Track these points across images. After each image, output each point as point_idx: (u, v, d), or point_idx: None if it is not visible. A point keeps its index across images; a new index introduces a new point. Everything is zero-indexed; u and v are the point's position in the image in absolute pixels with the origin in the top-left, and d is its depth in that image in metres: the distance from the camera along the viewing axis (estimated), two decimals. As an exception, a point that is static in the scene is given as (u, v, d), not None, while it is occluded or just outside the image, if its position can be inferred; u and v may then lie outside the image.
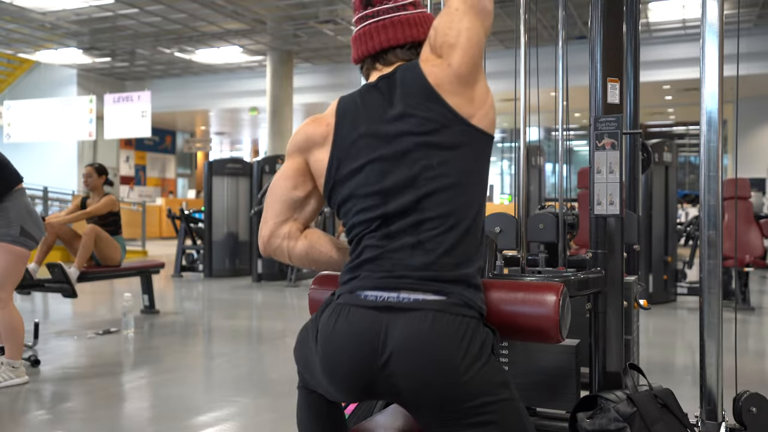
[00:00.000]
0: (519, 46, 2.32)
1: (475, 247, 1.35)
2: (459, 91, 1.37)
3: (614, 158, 1.83)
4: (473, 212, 1.36)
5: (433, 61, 1.41)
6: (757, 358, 4.34)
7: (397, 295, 1.28)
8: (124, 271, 5.77)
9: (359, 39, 1.53)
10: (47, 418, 3.11)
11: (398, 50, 1.50)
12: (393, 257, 1.32)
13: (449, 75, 1.37)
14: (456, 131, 1.36)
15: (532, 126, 6.11)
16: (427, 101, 1.38)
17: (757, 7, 10.19)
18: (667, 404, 1.70)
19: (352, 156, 1.41)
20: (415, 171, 1.35)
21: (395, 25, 1.50)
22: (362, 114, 1.44)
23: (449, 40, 1.40)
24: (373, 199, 1.37)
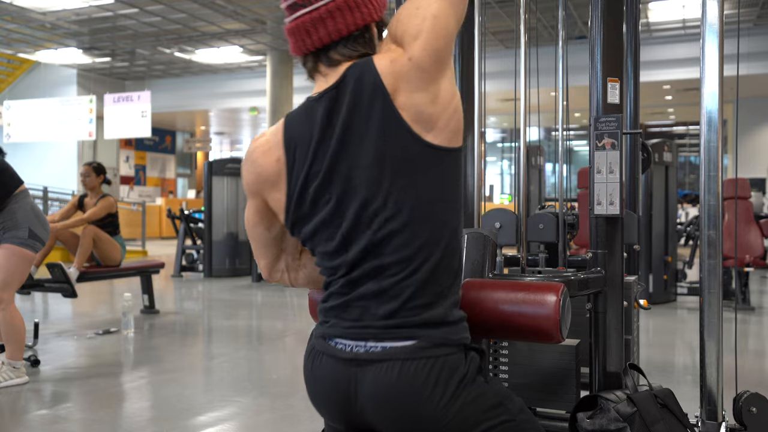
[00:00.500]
0: (519, 46, 2.32)
1: (449, 278, 1.24)
2: (421, 87, 1.21)
3: (614, 158, 1.83)
4: (443, 244, 1.23)
5: (392, 52, 1.24)
6: (757, 358, 4.34)
7: (364, 344, 1.21)
8: (124, 271, 5.77)
9: (293, 34, 1.33)
10: (47, 418, 3.11)
11: (340, 45, 1.29)
12: (358, 305, 1.23)
13: (410, 69, 1.21)
14: (414, 155, 1.21)
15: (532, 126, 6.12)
16: (382, 121, 1.21)
17: (757, 7, 10.19)
18: (667, 404, 1.70)
19: (308, 196, 1.27)
20: (369, 212, 1.22)
21: (332, 14, 1.29)
22: (311, 144, 1.27)
23: (411, 29, 1.23)
24: (333, 244, 1.26)
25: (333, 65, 1.30)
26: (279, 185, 1.31)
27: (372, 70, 1.24)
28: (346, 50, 1.30)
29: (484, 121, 2.56)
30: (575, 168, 15.29)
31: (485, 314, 1.47)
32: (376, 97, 1.22)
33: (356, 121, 1.23)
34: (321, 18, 1.28)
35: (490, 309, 1.45)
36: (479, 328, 1.49)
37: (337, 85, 1.27)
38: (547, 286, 1.44)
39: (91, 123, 12.95)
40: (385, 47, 1.29)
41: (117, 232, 5.63)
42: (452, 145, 1.24)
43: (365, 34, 1.31)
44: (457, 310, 1.25)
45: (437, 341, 1.18)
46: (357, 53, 1.30)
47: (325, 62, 1.31)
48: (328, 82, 1.29)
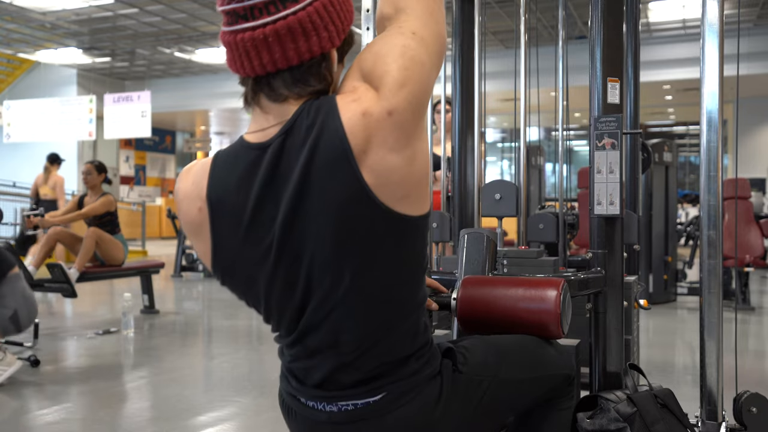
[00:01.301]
0: (519, 46, 2.32)
1: (412, 343, 1.13)
2: (397, 148, 1.00)
3: (614, 158, 1.83)
4: (406, 321, 1.11)
5: (363, 100, 1.00)
6: (758, 358, 4.34)
7: (336, 404, 1.13)
8: (124, 271, 5.77)
9: (229, 48, 1.05)
10: (47, 418, 3.10)
11: (289, 77, 1.04)
12: (320, 374, 1.13)
13: (388, 126, 0.99)
14: (379, 230, 1.03)
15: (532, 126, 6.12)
16: (343, 188, 1.00)
17: (757, 7, 10.19)
18: (667, 404, 1.70)
19: (242, 257, 1.10)
20: (317, 286, 1.07)
21: (280, 38, 1.01)
22: (248, 207, 1.06)
23: (395, 73, 1.00)
24: (277, 310, 1.13)
25: (277, 101, 1.05)
26: (201, 235, 1.13)
27: (335, 121, 1.00)
28: (296, 87, 1.05)
29: (484, 121, 2.56)
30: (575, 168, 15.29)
31: (485, 310, 1.47)
32: (339, 159, 0.99)
33: (311, 186, 1.01)
34: (265, 41, 1.01)
35: (489, 305, 1.45)
36: (478, 324, 1.49)
37: (285, 132, 1.04)
38: (547, 281, 1.45)
39: (91, 123, 12.94)
40: (351, 83, 1.04)
41: (117, 231, 5.64)
42: (421, 213, 1.07)
43: (322, 63, 1.06)
44: (423, 359, 1.14)
45: (407, 386, 1.12)
46: (310, 89, 1.05)
47: (268, 95, 1.06)
48: (269, 121, 1.06)
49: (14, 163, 15.45)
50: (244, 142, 1.09)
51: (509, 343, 1.36)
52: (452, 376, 1.19)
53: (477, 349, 1.27)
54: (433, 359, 1.17)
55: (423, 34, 1.06)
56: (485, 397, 1.23)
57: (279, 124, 1.05)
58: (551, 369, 1.39)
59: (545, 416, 1.44)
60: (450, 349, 1.22)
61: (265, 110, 1.07)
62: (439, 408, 1.15)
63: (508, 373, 1.28)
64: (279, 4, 1.01)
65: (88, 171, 5.66)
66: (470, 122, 2.51)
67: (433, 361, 1.17)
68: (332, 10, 1.06)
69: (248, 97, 1.08)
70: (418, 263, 1.12)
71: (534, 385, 1.35)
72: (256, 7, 1.01)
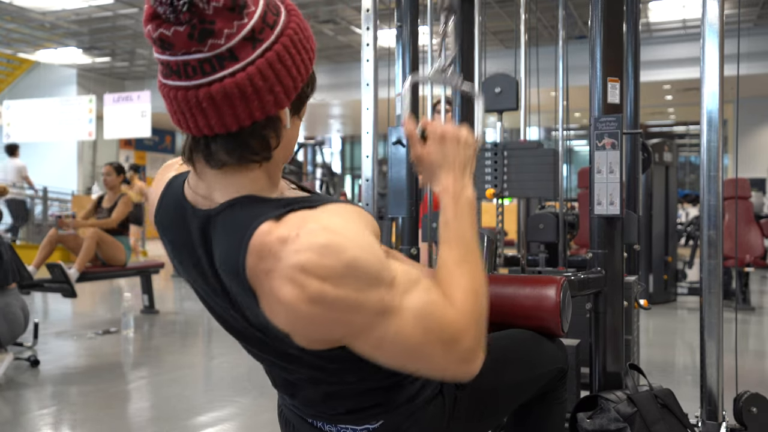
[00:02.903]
0: (519, 46, 2.32)
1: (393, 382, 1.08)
2: (319, 340, 0.95)
3: (614, 158, 1.83)
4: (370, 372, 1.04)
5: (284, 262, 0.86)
6: (758, 358, 4.34)
7: (335, 425, 1.12)
8: (124, 271, 5.77)
9: (166, 100, 0.93)
10: (47, 418, 3.10)
11: (229, 141, 0.91)
12: (308, 405, 1.12)
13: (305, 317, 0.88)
14: (297, 356, 1.00)
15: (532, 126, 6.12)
16: (255, 321, 0.96)
17: (757, 7, 10.19)
18: (668, 404, 1.70)
19: (194, 289, 1.08)
20: (260, 353, 1.07)
21: (217, 103, 0.87)
22: (177, 248, 1.03)
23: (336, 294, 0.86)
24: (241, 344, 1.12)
25: (215, 167, 0.93)
26: None
27: (239, 254, 0.89)
28: (236, 153, 0.91)
29: (484, 121, 2.56)
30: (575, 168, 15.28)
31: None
32: (246, 295, 0.92)
33: (228, 290, 0.96)
34: (198, 104, 0.88)
35: (492, 303, 1.45)
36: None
37: (208, 218, 0.95)
38: (548, 279, 1.45)
39: (90, 123, 12.94)
40: (287, 232, 0.87)
41: (126, 233, 5.68)
42: (338, 346, 0.96)
43: (267, 127, 0.92)
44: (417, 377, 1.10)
45: (406, 414, 1.10)
46: (252, 156, 0.93)
47: (206, 159, 0.93)
48: (202, 189, 0.97)
49: (14, 163, 15.41)
50: (182, 192, 1.01)
51: (506, 344, 1.36)
52: (455, 394, 1.16)
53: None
54: (428, 385, 1.13)
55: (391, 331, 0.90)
56: (489, 404, 1.23)
57: (209, 203, 0.96)
58: (548, 364, 1.39)
59: (542, 412, 1.44)
60: None
61: (201, 175, 0.96)
62: (443, 425, 1.14)
63: (510, 376, 1.28)
64: (215, 62, 0.86)
65: (108, 172, 5.81)
66: (470, 122, 2.51)
67: (431, 382, 1.12)
68: (279, 67, 0.90)
69: (186, 155, 0.97)
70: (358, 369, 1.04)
71: (533, 383, 1.36)
72: (189, 64, 0.87)
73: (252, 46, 0.88)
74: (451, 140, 1.10)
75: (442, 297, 0.95)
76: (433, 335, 0.91)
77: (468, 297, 0.97)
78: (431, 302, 0.92)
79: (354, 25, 11.11)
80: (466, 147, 1.11)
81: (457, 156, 1.09)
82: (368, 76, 2.16)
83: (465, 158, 1.10)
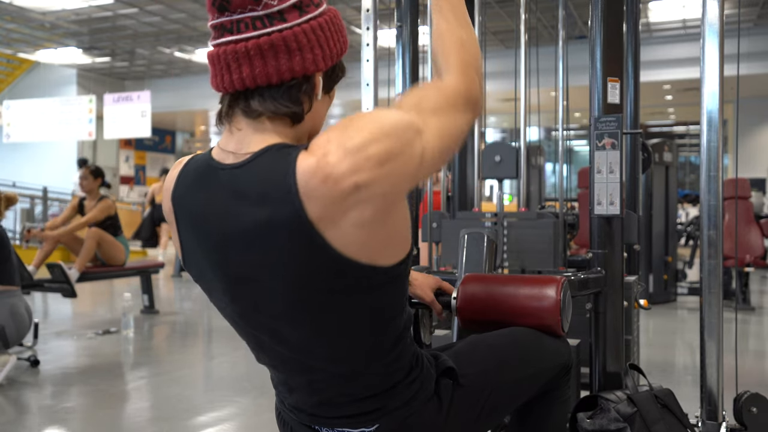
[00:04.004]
0: (519, 46, 2.32)
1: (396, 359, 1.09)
2: (363, 224, 0.95)
3: (614, 158, 1.83)
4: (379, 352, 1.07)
5: (329, 165, 0.91)
6: (758, 358, 4.34)
7: (331, 429, 1.12)
8: (124, 271, 5.77)
9: (212, 63, 1.03)
10: (47, 418, 3.11)
11: (267, 94, 1.00)
12: (306, 406, 1.12)
13: (351, 200, 0.92)
14: (340, 283, 0.99)
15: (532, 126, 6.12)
16: (295, 248, 0.96)
17: (757, 7, 10.19)
18: (668, 404, 1.70)
19: (201, 267, 1.10)
20: (276, 332, 1.06)
21: (263, 52, 0.98)
22: (200, 216, 1.04)
23: (374, 149, 0.92)
24: (245, 331, 1.12)
25: (251, 117, 1.01)
26: (173, 232, 1.13)
27: (289, 182, 0.93)
28: (272, 104, 1.00)
29: (484, 121, 2.57)
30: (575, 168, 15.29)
31: (485, 309, 1.47)
32: (289, 223, 0.94)
33: (260, 234, 0.97)
34: (247, 54, 0.98)
35: (490, 303, 1.45)
36: (478, 323, 1.49)
37: (240, 167, 1.00)
38: (548, 279, 1.45)
39: (90, 123, 12.94)
40: (325, 141, 0.94)
41: (119, 233, 5.64)
42: (397, 261, 1.02)
43: (303, 86, 1.02)
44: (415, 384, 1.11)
45: (402, 417, 1.10)
46: (286, 110, 1.01)
47: (243, 111, 1.02)
48: (236, 143, 1.03)
49: (14, 163, 15.46)
50: (209, 155, 1.06)
51: (507, 342, 1.35)
52: (452, 392, 1.16)
53: (475, 356, 1.26)
54: (426, 382, 1.13)
55: (429, 137, 0.98)
56: (487, 403, 1.22)
57: (245, 154, 1.01)
58: (549, 361, 1.39)
59: (545, 411, 1.44)
60: (450, 369, 1.18)
61: (237, 126, 1.03)
62: (440, 421, 1.14)
63: (509, 375, 1.28)
64: (266, 20, 0.99)
65: (83, 176, 5.60)
66: (470, 122, 2.51)
67: (426, 384, 1.13)
68: (321, 34, 1.02)
69: (222, 114, 1.05)
70: (392, 312, 1.07)
71: (533, 380, 1.35)
72: (242, 21, 0.99)
73: (299, 13, 1.01)
74: None
75: (441, 83, 1.09)
76: (453, 112, 1.04)
77: (461, 53, 1.11)
78: (438, 93, 1.06)
79: (354, 25, 11.10)
80: None
81: None
82: (368, 76, 2.16)
83: None
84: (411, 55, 2.24)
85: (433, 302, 1.54)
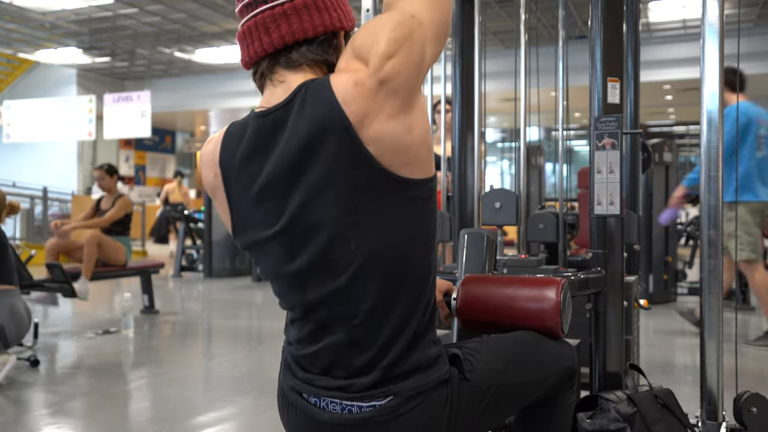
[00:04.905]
0: (519, 46, 2.32)
1: (423, 318, 1.15)
2: (393, 114, 1.07)
3: (614, 158, 1.83)
4: (417, 286, 1.13)
5: (354, 72, 1.07)
6: (757, 358, 4.34)
7: (339, 403, 1.13)
8: (124, 271, 5.77)
9: (248, 35, 1.18)
10: (47, 418, 3.10)
11: (305, 47, 1.17)
12: (328, 356, 1.14)
13: (381, 94, 1.06)
14: (385, 192, 1.08)
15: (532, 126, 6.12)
16: (344, 156, 1.07)
17: (757, 7, 10.19)
18: (668, 404, 1.70)
19: (253, 224, 1.17)
20: (327, 254, 1.10)
21: (298, 11, 1.15)
22: (251, 168, 1.14)
23: (383, 47, 1.06)
24: (288, 281, 1.16)
25: (292, 68, 1.17)
26: (220, 199, 1.22)
27: (329, 95, 1.07)
28: (310, 53, 1.17)
29: (484, 121, 2.56)
30: (575, 168, 15.28)
31: (485, 310, 1.47)
32: (335, 130, 1.06)
33: (312, 155, 1.09)
34: (285, 14, 1.15)
35: (489, 304, 1.45)
36: (478, 324, 1.49)
37: (285, 105, 1.13)
38: (548, 280, 1.45)
39: (90, 123, 12.94)
40: (345, 63, 1.11)
41: (126, 233, 5.66)
42: (427, 176, 1.13)
43: (332, 40, 1.20)
44: (434, 348, 1.16)
45: (414, 391, 1.12)
46: (322, 58, 1.18)
47: (284, 64, 1.17)
48: (275, 95, 1.16)
49: (14, 163, 15.46)
50: (253, 113, 1.19)
51: (513, 344, 1.36)
52: (459, 384, 1.18)
53: (483, 355, 1.26)
54: (442, 364, 1.17)
55: (422, 18, 1.11)
56: (491, 402, 1.23)
57: (284, 95, 1.14)
58: (554, 365, 1.39)
59: (547, 415, 1.44)
60: (456, 356, 1.21)
61: (279, 79, 1.17)
62: (445, 415, 1.15)
63: (514, 376, 1.28)
64: None
65: (100, 176, 5.74)
66: (470, 122, 2.51)
67: (441, 365, 1.16)
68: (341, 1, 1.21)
69: (264, 74, 1.19)
70: (426, 228, 1.14)
71: (538, 384, 1.35)
72: None
73: None
74: None
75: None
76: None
77: None
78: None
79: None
80: None
81: None
82: (368, 76, 2.15)
83: None
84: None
85: (441, 304, 1.54)
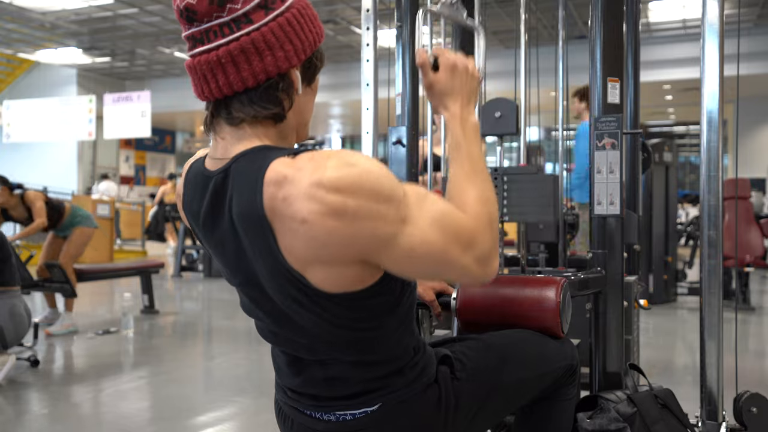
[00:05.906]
0: (519, 46, 2.31)
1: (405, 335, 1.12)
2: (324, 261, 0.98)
3: (614, 158, 1.83)
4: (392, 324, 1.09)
5: (298, 183, 0.93)
6: (757, 358, 4.34)
7: (334, 413, 1.13)
8: (124, 271, 5.77)
9: (192, 73, 1.05)
10: (47, 417, 3.10)
11: (245, 100, 1.02)
12: (312, 389, 1.13)
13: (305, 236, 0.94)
14: (310, 300, 1.02)
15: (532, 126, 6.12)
16: (268, 257, 1.00)
17: (757, 7, 10.19)
18: (668, 404, 1.70)
19: (221, 267, 1.15)
20: (288, 317, 1.07)
21: (234, 59, 1.00)
22: (211, 225, 1.08)
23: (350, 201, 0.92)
24: (259, 322, 1.16)
25: (233, 125, 1.04)
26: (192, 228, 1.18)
27: (257, 189, 0.96)
28: (251, 108, 1.02)
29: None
30: (575, 168, 15.24)
31: (485, 310, 1.47)
32: (259, 231, 0.98)
33: (242, 240, 1.02)
34: (219, 63, 1.00)
35: (489, 304, 1.45)
36: (478, 324, 1.49)
37: (224, 171, 1.03)
38: (547, 280, 1.45)
39: (90, 123, 12.93)
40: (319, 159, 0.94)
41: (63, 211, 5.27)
42: (365, 287, 1.02)
43: (280, 84, 1.03)
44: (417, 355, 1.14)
45: (404, 396, 1.11)
46: (266, 112, 1.03)
47: (225, 119, 1.05)
48: (218, 151, 1.06)
49: (14, 163, 15.44)
50: (202, 164, 1.10)
51: (509, 342, 1.35)
52: (451, 384, 1.17)
53: (475, 353, 1.26)
54: (428, 367, 1.15)
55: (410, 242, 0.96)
56: (488, 400, 1.22)
57: (224, 159, 1.04)
58: (553, 362, 1.39)
59: (548, 410, 1.44)
60: (446, 356, 1.21)
61: (221, 135, 1.06)
62: (441, 415, 1.14)
63: (510, 374, 1.28)
64: (233, 25, 1.00)
65: None
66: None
67: (428, 369, 1.15)
68: (289, 29, 1.03)
69: (207, 122, 1.08)
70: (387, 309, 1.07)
71: (537, 382, 1.35)
72: (211, 30, 1.01)
73: (265, 12, 1.01)
74: (461, 70, 1.19)
75: (452, 206, 1.03)
76: (451, 237, 0.98)
77: (478, 203, 1.06)
78: (444, 209, 1.00)
79: (354, 25, 11.11)
80: (472, 78, 1.21)
81: (464, 85, 1.19)
82: (368, 76, 2.16)
83: (471, 88, 1.20)
84: (411, 55, 2.24)
85: (433, 302, 1.53)
